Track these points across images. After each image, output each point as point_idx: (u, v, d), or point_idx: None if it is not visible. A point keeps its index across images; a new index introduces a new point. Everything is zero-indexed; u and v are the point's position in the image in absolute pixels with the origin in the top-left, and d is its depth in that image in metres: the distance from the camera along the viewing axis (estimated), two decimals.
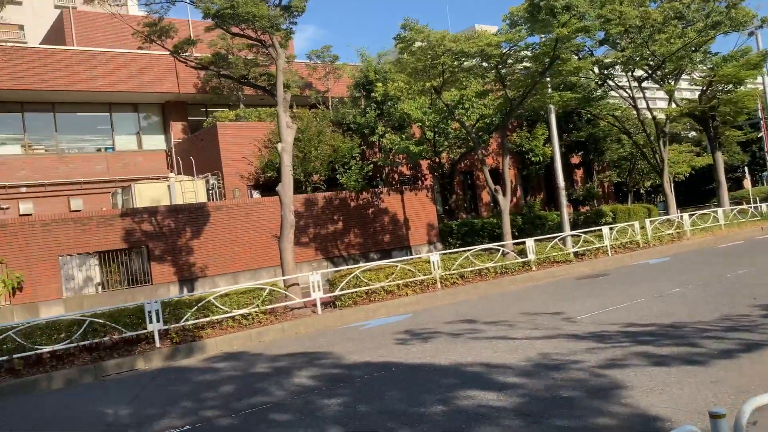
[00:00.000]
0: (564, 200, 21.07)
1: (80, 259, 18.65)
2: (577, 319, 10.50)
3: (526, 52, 18.63)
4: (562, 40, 17.09)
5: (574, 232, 20.23)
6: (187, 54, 16.09)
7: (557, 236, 19.55)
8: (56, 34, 31.30)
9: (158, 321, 11.82)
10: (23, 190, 22.96)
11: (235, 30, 14.81)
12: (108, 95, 24.87)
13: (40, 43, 31.88)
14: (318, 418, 6.52)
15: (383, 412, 6.44)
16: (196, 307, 12.37)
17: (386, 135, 24.18)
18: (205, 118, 26.70)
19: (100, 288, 18.99)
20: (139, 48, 17.88)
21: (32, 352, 10.62)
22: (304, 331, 13.02)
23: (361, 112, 25.54)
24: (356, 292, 14.53)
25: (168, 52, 16.41)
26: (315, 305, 13.94)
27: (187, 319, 12.20)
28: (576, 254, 19.42)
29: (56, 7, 45.81)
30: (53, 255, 17.93)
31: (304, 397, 7.48)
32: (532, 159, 30.30)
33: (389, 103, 24.75)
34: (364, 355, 9.60)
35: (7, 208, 22.39)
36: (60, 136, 24.50)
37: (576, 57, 21.49)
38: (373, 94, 24.86)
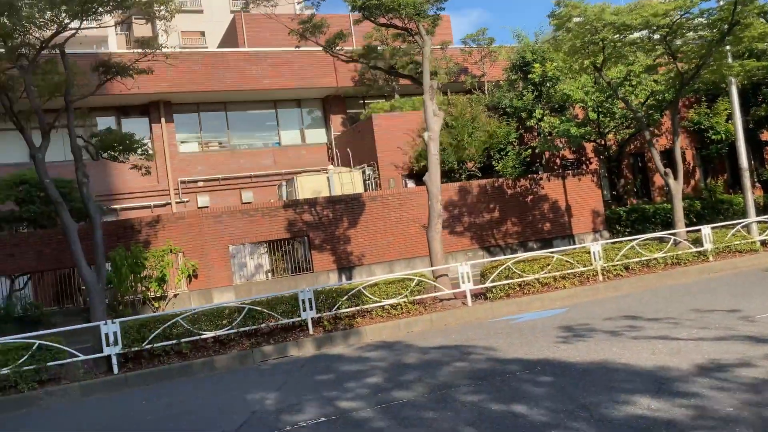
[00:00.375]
0: (748, 182, 18.76)
1: (248, 248, 19.90)
2: (756, 318, 9.20)
3: (700, 19, 16.75)
4: (744, 2, 15.11)
5: (761, 218, 17.95)
6: (338, 48, 16.40)
7: (740, 223, 17.46)
8: (230, 37, 33.64)
9: (311, 309, 12.18)
10: (200, 184, 24.97)
11: (382, 20, 14.82)
12: (273, 93, 26.23)
13: (217, 47, 34.44)
14: (449, 419, 6.24)
15: (518, 416, 6.01)
16: (346, 296, 12.58)
17: (544, 118, 23.09)
18: (362, 110, 27.30)
19: (266, 275, 20.14)
20: (297, 46, 18.55)
21: (197, 337, 11.41)
22: (453, 323, 12.76)
23: (518, 95, 24.63)
24: (508, 284, 13.97)
25: (320, 48, 16.81)
26: (465, 297, 13.62)
27: (338, 308, 12.45)
28: (763, 243, 17.21)
29: (232, 12, 49.34)
30: (224, 244, 19.29)
31: (443, 393, 7.25)
32: (713, 137, 27.41)
33: (548, 84, 23.60)
34: (511, 351, 9.15)
35: (187, 201, 24.49)
36: (232, 134, 26.32)
37: (763, 20, 18.92)
38: (530, 76, 23.85)
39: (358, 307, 12.66)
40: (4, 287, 17.99)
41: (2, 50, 12.17)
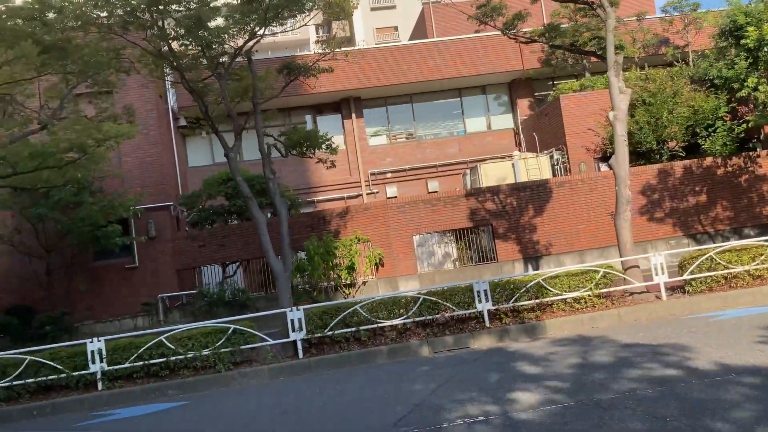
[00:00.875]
0: None
1: (432, 237, 20.08)
2: None
3: None
4: None
5: None
6: (517, 29, 15.81)
7: None
8: (419, 29, 34.18)
9: (487, 301, 11.91)
10: (389, 175, 25.70)
11: None
12: (458, 81, 26.12)
13: (408, 40, 35.16)
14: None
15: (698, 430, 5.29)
16: (524, 288, 12.12)
17: (759, 87, 20.26)
18: (550, 92, 26.15)
19: (452, 264, 20.18)
20: (476, 31, 18.26)
21: (375, 325, 11.70)
22: (643, 319, 11.71)
23: (729, 63, 21.85)
24: (711, 276, 12.49)
25: (499, 31, 16.36)
26: (659, 290, 12.42)
27: (516, 300, 12.04)
28: None
29: (423, 4, 50.15)
30: (408, 234, 19.65)
31: (617, 398, 6.67)
32: None
33: (765, 50, 20.64)
34: (705, 353, 8.15)
35: (377, 192, 25.36)
36: (417, 124, 26.72)
37: None
38: (743, 42, 20.99)
39: (537, 300, 12.12)
40: (217, 274, 20.06)
41: (203, 60, 13.41)
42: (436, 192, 24.03)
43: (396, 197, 23.91)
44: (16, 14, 10.45)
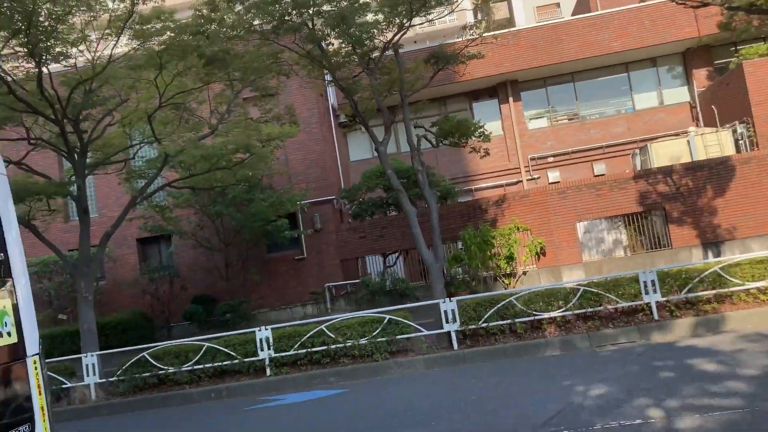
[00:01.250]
0: None
1: (599, 223, 18.98)
2: None
3: None
4: None
5: None
6: None
7: None
8: (582, 4, 32.32)
9: (654, 292, 11.03)
10: (550, 159, 24.66)
11: None
12: (623, 55, 24.34)
13: (571, 15, 33.49)
14: None
15: None
16: (698, 278, 11.04)
17: None
18: (731, 59, 23.52)
19: (621, 251, 18.96)
20: (641, 1, 16.92)
21: (531, 318, 11.29)
22: None
23: None
24: None
25: None
26: None
27: (689, 291, 11.01)
28: None
29: None
30: (570, 221, 18.72)
31: None
32: None
33: None
34: None
35: (537, 178, 24.48)
36: (580, 104, 25.33)
37: None
38: None
39: (714, 291, 10.99)
40: (378, 264, 20.58)
41: (354, 57, 13.72)
42: (602, 175, 22.64)
43: (558, 182, 22.90)
44: (184, 30, 11.43)
